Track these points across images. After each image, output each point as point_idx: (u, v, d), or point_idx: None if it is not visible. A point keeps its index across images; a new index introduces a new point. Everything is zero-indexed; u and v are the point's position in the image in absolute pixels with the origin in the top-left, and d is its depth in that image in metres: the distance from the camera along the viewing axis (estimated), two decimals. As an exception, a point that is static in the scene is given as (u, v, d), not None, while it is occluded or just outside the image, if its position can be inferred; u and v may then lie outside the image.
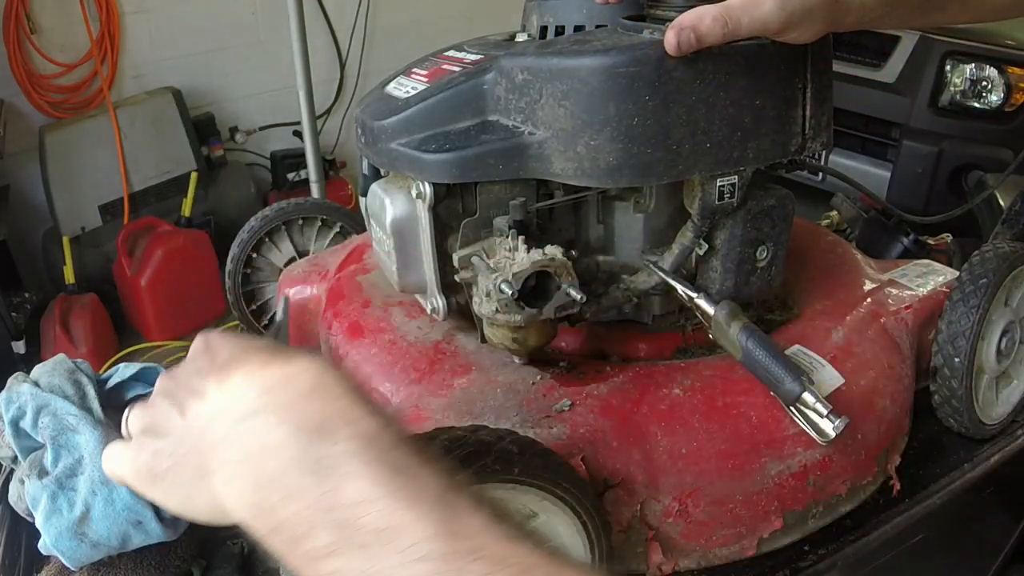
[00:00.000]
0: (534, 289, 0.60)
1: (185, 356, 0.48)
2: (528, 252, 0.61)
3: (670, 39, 0.55)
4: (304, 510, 0.35)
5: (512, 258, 0.62)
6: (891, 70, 2.25)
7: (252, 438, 0.38)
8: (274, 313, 1.05)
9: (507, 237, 0.63)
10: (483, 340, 0.67)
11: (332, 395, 0.39)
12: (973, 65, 2.13)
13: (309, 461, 0.36)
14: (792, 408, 0.58)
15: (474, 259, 0.63)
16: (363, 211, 0.75)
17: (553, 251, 0.60)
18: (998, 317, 0.78)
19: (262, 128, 3.10)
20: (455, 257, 0.64)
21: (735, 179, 0.63)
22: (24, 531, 0.72)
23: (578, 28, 0.70)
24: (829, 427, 0.55)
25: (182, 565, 0.68)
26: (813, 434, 0.57)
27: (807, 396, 0.56)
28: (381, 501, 0.34)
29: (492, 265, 0.63)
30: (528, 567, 0.32)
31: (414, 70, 0.71)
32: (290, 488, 0.36)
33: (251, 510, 0.38)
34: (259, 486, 0.37)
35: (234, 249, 1.02)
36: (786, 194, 0.68)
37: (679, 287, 0.64)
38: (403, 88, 0.68)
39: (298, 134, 2.81)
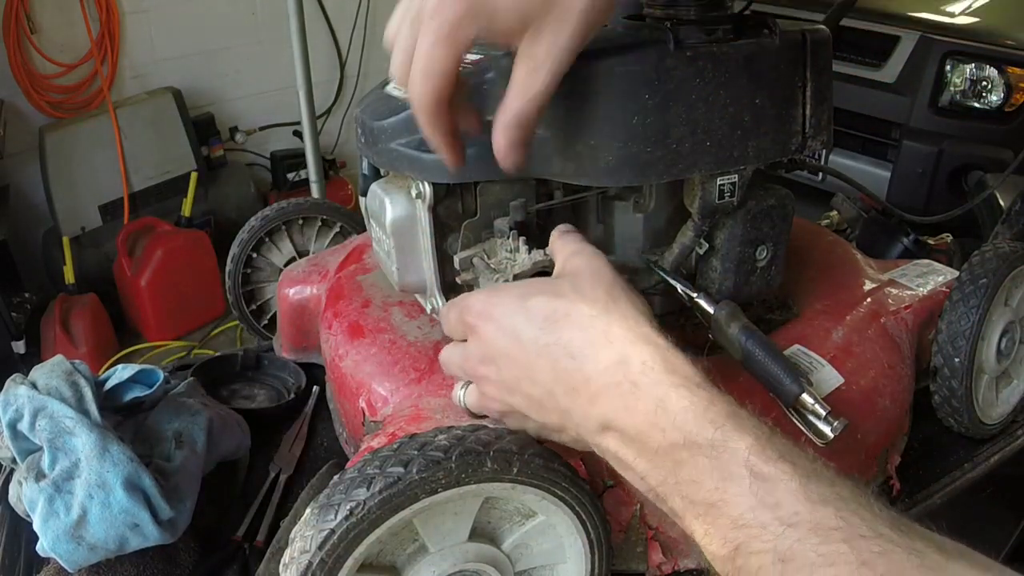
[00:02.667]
0: None
1: (186, 356, 0.49)
2: (529, 253, 0.61)
3: (500, 146, 0.52)
4: (661, 485, 0.45)
5: (513, 259, 0.62)
6: (891, 70, 2.25)
7: (616, 457, 0.48)
8: (274, 313, 1.05)
9: (508, 238, 0.63)
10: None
11: (668, 384, 0.46)
12: (973, 65, 2.13)
13: (652, 454, 0.45)
14: (791, 409, 0.58)
15: (475, 260, 0.63)
16: (363, 211, 0.75)
17: None
18: (998, 317, 0.78)
19: (262, 128, 3.11)
20: (456, 259, 0.64)
21: (735, 178, 0.63)
22: (24, 532, 0.72)
23: (578, 28, 0.70)
24: (827, 429, 0.55)
25: (184, 568, 0.68)
26: (811, 436, 0.57)
27: (806, 398, 0.56)
28: (708, 482, 0.42)
29: (493, 266, 0.63)
30: (838, 527, 0.38)
31: (414, 70, 0.71)
32: (647, 470, 0.46)
33: (626, 475, 0.48)
34: (630, 472, 0.47)
35: (234, 249, 1.02)
36: (786, 194, 0.68)
37: (679, 287, 0.64)
38: (403, 88, 0.68)
39: (298, 134, 2.82)
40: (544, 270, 0.59)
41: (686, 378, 0.46)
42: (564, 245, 0.58)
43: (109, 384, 0.72)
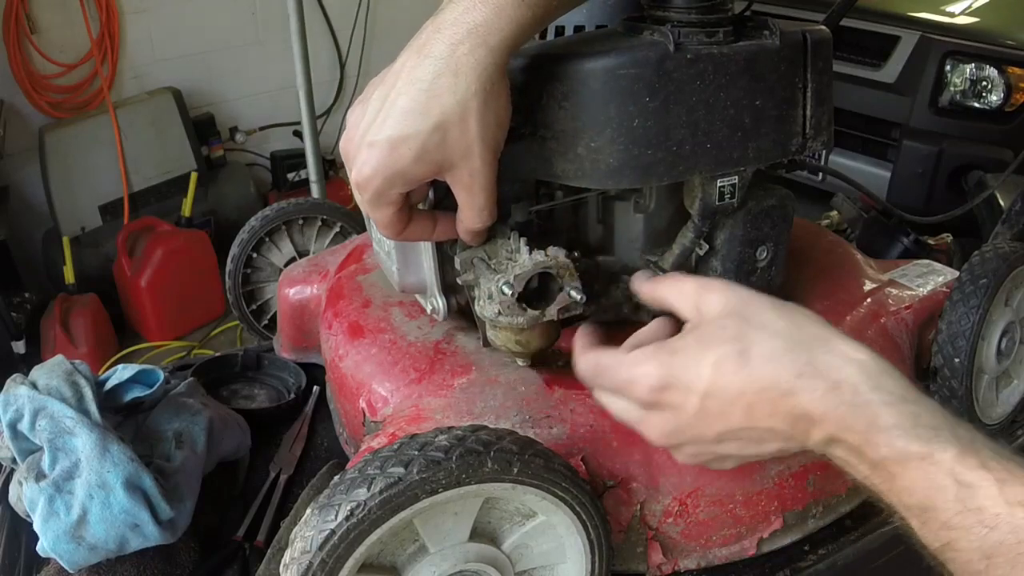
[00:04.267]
0: (536, 291, 0.60)
1: (186, 356, 0.48)
2: (530, 254, 0.61)
3: (466, 240, 0.62)
4: (880, 486, 0.48)
5: (514, 260, 0.62)
6: (891, 70, 2.25)
7: (844, 462, 0.50)
8: (274, 313, 1.05)
9: (508, 239, 0.63)
10: (485, 344, 0.67)
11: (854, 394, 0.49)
12: (973, 65, 2.13)
13: (870, 466, 0.48)
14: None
15: (475, 261, 0.63)
16: (363, 211, 0.75)
17: (555, 252, 0.60)
18: (998, 317, 0.78)
19: (262, 128, 3.10)
20: (457, 260, 0.64)
21: (735, 179, 0.63)
22: (24, 532, 0.72)
23: (578, 28, 0.70)
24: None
25: (184, 568, 0.68)
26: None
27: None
28: (918, 491, 0.46)
29: (494, 267, 0.63)
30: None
31: (414, 70, 0.71)
32: (868, 476, 0.49)
33: (854, 474, 0.50)
34: (856, 474, 0.50)
35: (234, 249, 1.02)
36: (786, 194, 0.68)
37: (679, 287, 0.64)
38: None
39: (298, 134, 2.81)
40: (545, 271, 0.59)
41: (891, 394, 0.49)
42: (682, 286, 0.56)
43: (109, 384, 0.72)
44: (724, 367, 0.51)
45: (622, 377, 0.54)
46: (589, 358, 0.56)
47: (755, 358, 0.50)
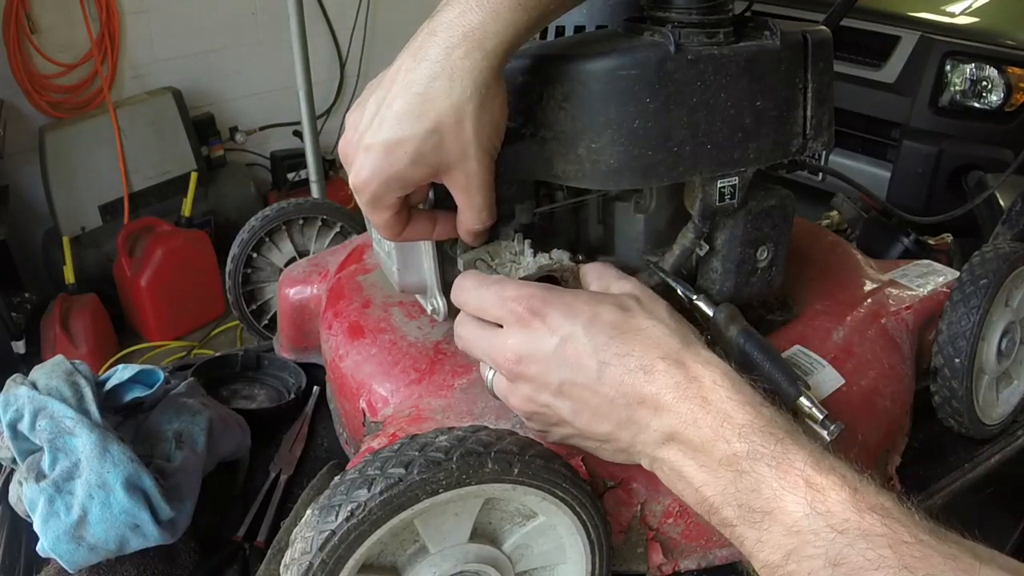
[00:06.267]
0: None
1: (186, 356, 0.49)
2: (534, 256, 0.61)
3: (467, 241, 0.62)
4: (718, 495, 0.47)
5: (518, 262, 0.62)
6: (891, 70, 2.25)
7: (674, 469, 0.50)
8: (274, 313, 1.05)
9: (512, 240, 0.63)
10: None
11: (720, 398, 0.49)
12: (973, 65, 2.13)
13: (715, 464, 0.47)
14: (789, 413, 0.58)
15: (478, 262, 0.63)
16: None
17: (560, 255, 0.60)
18: (998, 318, 0.78)
19: (262, 128, 3.11)
20: (460, 261, 0.64)
21: (736, 180, 0.63)
22: (24, 532, 0.72)
23: (578, 28, 0.70)
24: (824, 432, 0.55)
25: (184, 569, 0.68)
26: (810, 438, 0.57)
27: (803, 401, 0.56)
28: (766, 490, 0.45)
29: (497, 268, 0.63)
30: (883, 534, 0.41)
31: (414, 71, 0.71)
32: (706, 481, 0.48)
33: (679, 487, 0.50)
34: (684, 483, 0.49)
35: (234, 249, 1.02)
36: (787, 194, 0.68)
37: (679, 288, 0.64)
38: None
39: (298, 134, 2.82)
40: (549, 274, 0.59)
41: (751, 397, 0.49)
42: (603, 271, 0.61)
43: (109, 384, 0.72)
44: (600, 319, 0.52)
45: (510, 287, 0.55)
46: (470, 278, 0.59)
47: (631, 327, 0.52)
